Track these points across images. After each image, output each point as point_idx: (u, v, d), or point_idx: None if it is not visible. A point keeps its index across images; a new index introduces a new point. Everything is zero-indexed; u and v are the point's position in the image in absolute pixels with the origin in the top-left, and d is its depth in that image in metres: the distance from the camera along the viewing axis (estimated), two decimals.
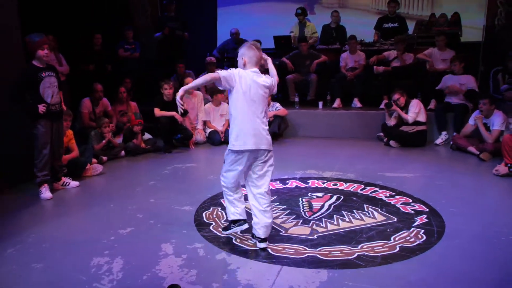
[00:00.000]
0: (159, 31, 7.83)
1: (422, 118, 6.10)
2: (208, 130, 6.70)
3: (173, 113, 6.13)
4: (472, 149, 5.52)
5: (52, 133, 4.29)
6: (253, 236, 3.05)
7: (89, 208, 4.00)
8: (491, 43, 7.63)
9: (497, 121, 5.30)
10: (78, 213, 3.97)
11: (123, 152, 5.88)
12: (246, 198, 3.11)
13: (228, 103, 6.91)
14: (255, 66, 3.01)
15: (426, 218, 3.48)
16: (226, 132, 6.65)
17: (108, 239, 3.22)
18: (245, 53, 2.99)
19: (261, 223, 2.95)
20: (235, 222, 3.10)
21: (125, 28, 7.61)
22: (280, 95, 7.91)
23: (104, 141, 5.63)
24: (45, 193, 4.22)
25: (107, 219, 3.65)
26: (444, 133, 6.23)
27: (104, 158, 5.52)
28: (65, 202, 4.24)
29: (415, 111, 6.04)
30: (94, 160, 5.19)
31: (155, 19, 8.41)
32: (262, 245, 2.99)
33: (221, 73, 2.90)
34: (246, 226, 3.08)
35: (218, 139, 6.53)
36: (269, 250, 2.97)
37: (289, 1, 9.48)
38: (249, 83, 2.91)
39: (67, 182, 4.55)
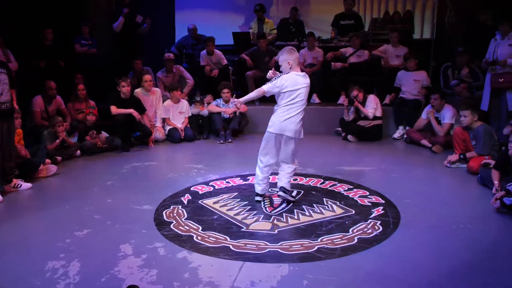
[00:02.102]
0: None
1: (378, 113, 6.28)
2: (168, 128, 6.60)
3: (131, 110, 5.99)
4: (425, 142, 5.74)
5: (2, 133, 4.08)
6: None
7: (43, 210, 3.85)
8: (441, 40, 7.95)
9: (447, 114, 5.55)
10: (31, 216, 3.79)
11: (78, 151, 5.69)
12: None
13: (187, 101, 6.83)
14: (297, 67, 3.59)
15: (382, 209, 3.59)
16: (186, 129, 6.58)
17: (63, 241, 3.11)
18: (288, 58, 3.52)
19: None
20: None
21: (81, 24, 7.35)
22: (240, 92, 7.90)
23: (58, 141, 5.42)
24: None
25: (62, 221, 3.52)
26: (401, 127, 6.44)
27: (59, 158, 5.31)
28: (17, 205, 4.04)
29: (374, 107, 6.23)
30: (47, 160, 4.98)
31: (110, 15, 8.15)
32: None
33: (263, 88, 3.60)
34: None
35: (178, 137, 6.44)
36: (231, 246, 2.98)
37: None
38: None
39: (18, 184, 4.35)
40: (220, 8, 9.69)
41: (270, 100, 7.52)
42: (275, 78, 3.54)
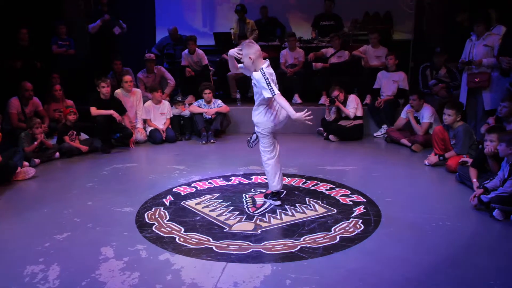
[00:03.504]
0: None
1: (359, 112, 6.35)
2: (149, 129, 6.54)
3: (111, 111, 5.92)
4: (404, 141, 5.83)
5: None
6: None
7: (21, 214, 3.75)
8: (420, 41, 8.08)
9: (426, 114, 5.63)
10: (8, 220, 3.68)
11: (57, 153, 5.58)
12: None
13: (168, 102, 6.74)
14: (260, 59, 3.39)
15: (363, 208, 3.63)
16: (168, 130, 6.53)
17: (42, 245, 3.05)
18: (249, 52, 3.32)
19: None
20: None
21: (57, 24, 7.21)
22: (221, 92, 7.90)
23: (36, 143, 5.31)
24: None
25: (41, 225, 3.45)
26: (384, 126, 6.51)
27: (37, 160, 5.21)
28: None
29: (354, 106, 6.29)
30: (25, 163, 4.88)
31: (88, 15, 8.03)
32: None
33: (277, 92, 3.34)
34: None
35: (160, 138, 6.38)
36: (214, 247, 2.97)
37: None
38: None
39: None
40: (201, 8, 9.63)
41: (251, 101, 7.57)
42: (264, 77, 3.29)
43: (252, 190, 4.15)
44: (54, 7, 7.65)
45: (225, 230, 3.25)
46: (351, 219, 3.42)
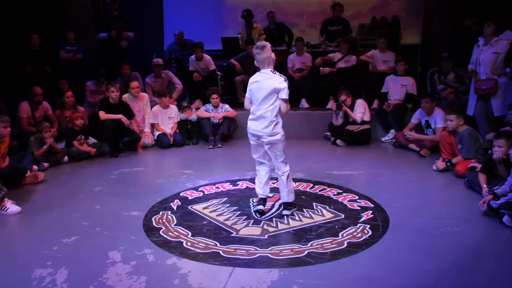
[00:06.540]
0: (101, 31, 7.56)
1: (366, 117, 6.33)
2: (157, 133, 6.57)
3: (120, 116, 5.96)
4: (412, 146, 5.79)
5: None
6: None
7: (29, 217, 3.78)
8: (427, 46, 8.05)
9: (439, 118, 5.54)
10: (17, 223, 3.72)
11: (66, 157, 5.62)
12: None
13: (176, 106, 6.78)
14: (266, 67, 3.60)
15: (371, 213, 3.61)
16: (175, 134, 6.56)
17: (50, 249, 3.07)
18: (269, 54, 3.56)
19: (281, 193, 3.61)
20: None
21: (65, 29, 7.29)
22: (229, 97, 7.92)
23: (45, 147, 5.36)
24: None
25: (49, 228, 3.47)
26: (392, 131, 6.48)
27: (46, 164, 5.26)
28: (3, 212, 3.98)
29: (362, 111, 6.27)
30: (34, 167, 4.93)
31: (97, 20, 8.11)
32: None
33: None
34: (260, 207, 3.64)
35: (167, 142, 6.41)
36: (221, 252, 2.97)
37: None
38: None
39: (5, 207, 3.80)
40: (209, 13, 9.67)
41: None
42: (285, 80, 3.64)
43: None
44: (62, 12, 7.73)
45: (232, 235, 3.25)
46: (359, 224, 3.40)
